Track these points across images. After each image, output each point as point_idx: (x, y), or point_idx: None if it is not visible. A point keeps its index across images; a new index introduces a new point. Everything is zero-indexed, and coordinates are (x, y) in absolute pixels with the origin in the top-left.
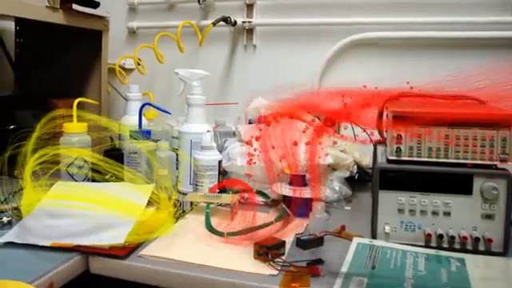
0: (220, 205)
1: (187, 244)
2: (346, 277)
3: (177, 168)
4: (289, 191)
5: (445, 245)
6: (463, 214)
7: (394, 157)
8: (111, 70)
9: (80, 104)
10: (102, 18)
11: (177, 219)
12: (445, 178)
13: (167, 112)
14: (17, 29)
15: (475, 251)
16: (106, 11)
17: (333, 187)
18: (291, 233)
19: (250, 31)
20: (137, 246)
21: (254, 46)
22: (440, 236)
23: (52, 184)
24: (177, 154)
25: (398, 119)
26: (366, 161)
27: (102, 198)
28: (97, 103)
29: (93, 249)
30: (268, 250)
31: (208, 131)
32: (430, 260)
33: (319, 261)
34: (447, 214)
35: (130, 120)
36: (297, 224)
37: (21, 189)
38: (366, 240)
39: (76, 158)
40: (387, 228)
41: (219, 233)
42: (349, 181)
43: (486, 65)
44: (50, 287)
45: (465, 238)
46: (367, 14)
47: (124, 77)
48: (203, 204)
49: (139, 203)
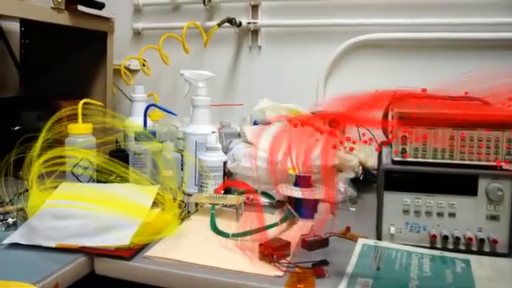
0: (225, 206)
1: (192, 245)
2: (351, 278)
3: (182, 169)
4: (294, 192)
5: (450, 246)
6: (468, 215)
7: (399, 158)
8: (116, 71)
9: (85, 105)
10: (107, 19)
11: (182, 220)
12: (450, 179)
13: (172, 113)
14: (22, 30)
15: (480, 252)
16: (111, 12)
17: (338, 188)
18: (296, 234)
19: (255, 32)
20: (142, 247)
21: (259, 47)
22: (445, 237)
23: (57, 185)
24: (182, 155)
25: (403, 120)
26: (371, 162)
27: (107, 199)
28: (102, 104)
29: (98, 250)
30: (273, 251)
31: (213, 132)
32: (435, 261)
33: (324, 262)
34: (452, 215)
35: (135, 121)
36: (302, 225)
37: (26, 190)
38: (371, 241)
39: (81, 159)
40: (392, 229)
41: (224, 234)
42: (354, 182)
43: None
44: None
45: (470, 239)
46: (372, 16)
47: (129, 78)
48: (208, 205)
49: (144, 204)
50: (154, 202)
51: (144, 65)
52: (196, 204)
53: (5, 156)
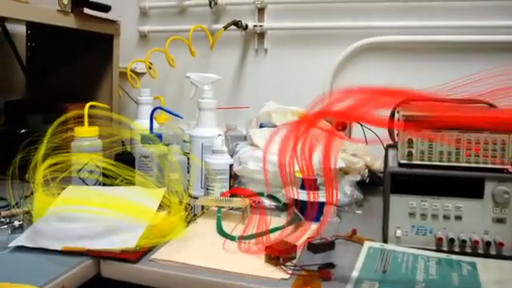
0: (231, 209)
1: (198, 248)
2: (358, 281)
3: (188, 172)
4: (301, 195)
5: (456, 249)
6: (474, 218)
7: (406, 161)
8: (122, 74)
9: (91, 108)
10: (114, 22)
11: (188, 223)
12: (456, 182)
13: (178, 116)
14: (28, 33)
15: (486, 255)
16: (118, 15)
17: (344, 191)
18: (302, 237)
19: (261, 35)
20: (148, 250)
21: (265, 50)
22: (451, 240)
23: (63, 188)
24: (188, 158)
25: (410, 123)
26: (377, 165)
27: (113, 202)
28: (108, 107)
29: (104, 253)
30: (279, 254)
31: (219, 135)
32: (441, 264)
33: (330, 265)
34: (458, 218)
35: (142, 124)
36: (308, 228)
37: (32, 193)
38: (377, 244)
39: (87, 163)
40: (398, 232)
41: (231, 237)
42: (360, 185)
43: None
44: None
45: (476, 242)
46: (378, 18)
47: (135, 81)
48: (214, 208)
49: (150, 207)
50: (160, 205)
51: (150, 68)
52: (202, 207)
53: (11, 159)
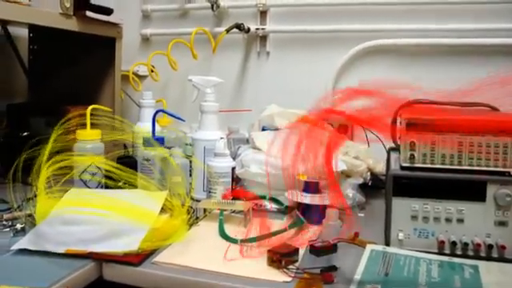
0: (234, 212)
1: (200, 251)
2: (360, 284)
3: (190, 175)
4: (303, 198)
5: (458, 252)
6: (477, 221)
7: (408, 163)
8: (125, 77)
9: (94, 111)
10: (116, 25)
11: (190, 226)
12: (458, 185)
13: (181, 119)
14: (30, 36)
15: (489, 258)
16: (120, 18)
17: (346, 194)
18: (305, 240)
19: (264, 38)
20: (150, 253)
21: (268, 53)
22: (453, 243)
23: (65, 191)
24: (190, 161)
25: (412, 126)
26: (380, 167)
27: (116, 205)
28: (110, 110)
29: (106, 255)
30: (281, 257)
31: (221, 138)
32: (444, 267)
33: (333, 268)
34: (460, 221)
35: (144, 127)
36: (310, 231)
37: (34, 196)
38: (380, 247)
39: (89, 165)
40: (401, 235)
41: (233, 240)
42: (362, 187)
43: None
44: None
45: (478, 245)
46: (381, 21)
47: (137, 84)
48: (217, 211)
49: (153, 210)
50: (163, 208)
51: (152, 71)
52: (204, 210)
53: (13, 162)
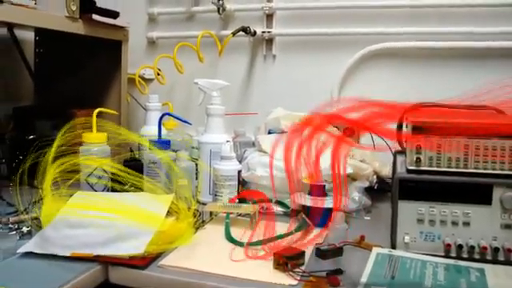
0: (240, 215)
1: (207, 254)
2: (366, 287)
3: (196, 178)
4: (309, 201)
5: (464, 255)
6: (483, 224)
7: (414, 167)
8: (131, 80)
9: (100, 114)
10: (122, 28)
11: (196, 229)
12: (464, 188)
13: (187, 122)
14: (36, 39)
15: (495, 261)
16: (126, 21)
17: (352, 197)
18: (311, 243)
19: (270, 41)
20: (156, 256)
21: (274, 56)
22: (459, 246)
23: (72, 194)
24: (196, 164)
25: (418, 130)
26: (386, 171)
27: (122, 208)
28: (116, 113)
29: (112, 259)
30: (287, 260)
31: (227, 141)
32: (450, 270)
33: (339, 271)
34: (467, 224)
35: (150, 130)
36: (316, 234)
37: (40, 199)
38: (386, 250)
39: (95, 168)
40: (407, 238)
41: (239, 243)
42: (368, 191)
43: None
44: None
45: (484, 248)
46: (387, 24)
47: (144, 87)
48: (223, 214)
49: (159, 213)
50: (169, 211)
51: (158, 74)
52: (210, 213)
53: (20, 165)
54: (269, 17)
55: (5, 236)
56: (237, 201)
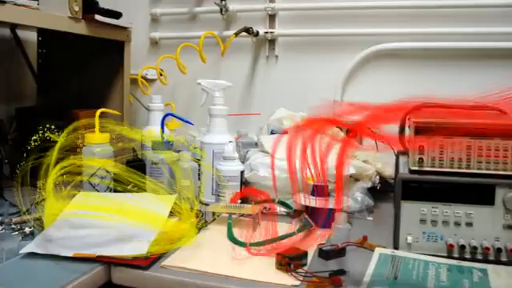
0: (242, 215)
1: (209, 254)
2: (368, 287)
3: (199, 178)
4: (311, 202)
5: (467, 255)
6: (485, 225)
7: (416, 167)
8: (133, 81)
9: (102, 115)
10: (125, 29)
11: (199, 230)
12: (467, 189)
13: (189, 122)
14: (39, 39)
15: (497, 262)
16: (129, 22)
17: (355, 198)
18: (313, 243)
19: (272, 42)
20: (159, 257)
21: (276, 57)
22: (462, 247)
23: (74, 194)
24: (199, 165)
25: (420, 130)
26: (388, 171)
27: (124, 209)
28: (119, 114)
29: (115, 259)
30: (290, 261)
31: (230, 142)
32: (452, 271)
33: (341, 271)
34: (469, 225)
35: (153, 130)
36: (319, 234)
37: (43, 199)
38: (388, 250)
39: (98, 169)
40: (409, 238)
41: (241, 243)
42: (371, 191)
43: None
44: None
45: (487, 249)
46: (390, 25)
47: (146, 87)
48: (225, 214)
49: (161, 214)
50: (171, 212)
51: (161, 74)
52: (213, 213)
53: (22, 165)
54: (271, 17)
55: (7, 236)
56: (239, 201)
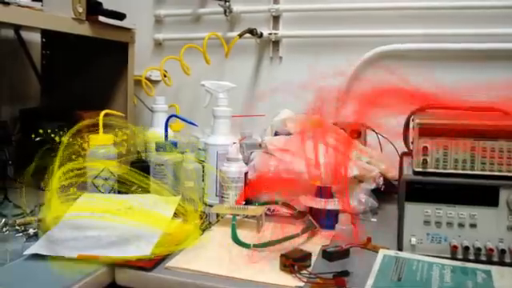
0: (246, 217)
1: (213, 256)
2: None
3: (203, 180)
4: (315, 203)
5: (471, 257)
6: (489, 226)
7: (420, 169)
8: (137, 82)
9: (106, 116)
10: (129, 30)
11: (203, 231)
12: (471, 190)
13: (193, 124)
14: (43, 41)
15: (501, 263)
16: (133, 23)
17: (359, 199)
18: (317, 244)
19: (276, 43)
20: (163, 258)
21: (280, 58)
22: (466, 248)
23: (78, 196)
24: (203, 166)
25: (425, 131)
26: (392, 172)
27: (128, 210)
28: (123, 115)
29: (119, 261)
30: (294, 262)
31: (234, 143)
32: (456, 272)
33: (345, 272)
34: (473, 226)
35: (157, 132)
36: (323, 236)
37: (47, 201)
38: (392, 252)
39: (102, 170)
40: (413, 240)
41: (245, 245)
42: (375, 192)
43: None
44: None
45: (491, 250)
46: (394, 26)
47: (150, 89)
48: (229, 216)
49: (165, 215)
50: (175, 213)
51: (165, 75)
52: (217, 215)
53: (26, 167)
54: (275, 18)
55: (11, 238)
56: (243, 202)
